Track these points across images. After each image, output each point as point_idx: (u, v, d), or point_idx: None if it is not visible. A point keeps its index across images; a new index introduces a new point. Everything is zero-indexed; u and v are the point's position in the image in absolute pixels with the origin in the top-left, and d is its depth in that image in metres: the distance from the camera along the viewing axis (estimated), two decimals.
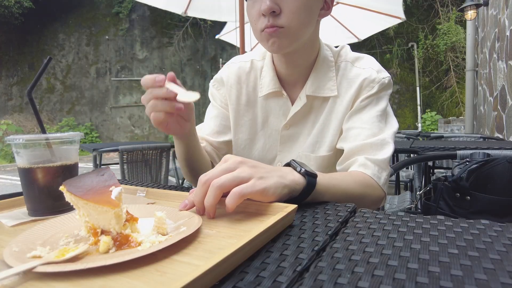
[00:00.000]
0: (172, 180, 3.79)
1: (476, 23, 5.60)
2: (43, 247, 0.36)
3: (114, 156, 7.18)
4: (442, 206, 1.01)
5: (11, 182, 6.34)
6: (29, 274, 0.31)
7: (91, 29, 11.44)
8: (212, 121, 0.93)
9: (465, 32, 5.95)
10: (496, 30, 3.99)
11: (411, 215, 0.47)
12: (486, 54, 4.69)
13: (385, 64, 8.38)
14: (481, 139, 2.64)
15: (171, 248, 0.35)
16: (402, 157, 3.06)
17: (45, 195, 0.52)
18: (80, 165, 4.09)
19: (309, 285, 0.29)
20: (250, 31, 3.86)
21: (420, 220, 0.44)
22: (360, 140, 0.76)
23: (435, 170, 2.62)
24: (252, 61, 0.90)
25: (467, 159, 1.04)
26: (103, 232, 0.39)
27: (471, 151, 1.14)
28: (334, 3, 0.80)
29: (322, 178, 0.58)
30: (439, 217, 0.45)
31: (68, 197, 0.40)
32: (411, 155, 1.87)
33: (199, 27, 10.94)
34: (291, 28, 0.71)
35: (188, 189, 0.64)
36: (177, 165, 3.36)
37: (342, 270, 0.31)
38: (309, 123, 0.85)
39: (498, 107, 3.81)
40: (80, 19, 11.44)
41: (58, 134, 0.54)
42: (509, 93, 3.31)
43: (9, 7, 10.30)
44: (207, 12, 4.27)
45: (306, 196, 0.54)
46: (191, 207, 0.49)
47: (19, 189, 0.57)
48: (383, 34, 9.09)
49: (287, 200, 0.51)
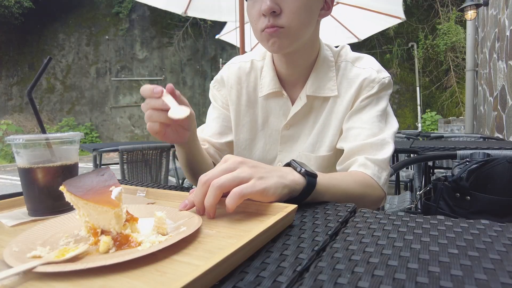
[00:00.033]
0: (172, 180, 3.80)
1: (476, 23, 5.60)
2: (43, 247, 0.36)
3: (114, 156, 7.18)
4: (442, 206, 1.01)
5: (11, 182, 6.34)
6: (29, 274, 0.31)
7: (91, 29, 11.44)
8: (214, 123, 0.93)
9: (465, 32, 5.96)
10: (496, 30, 3.99)
11: (411, 215, 0.47)
12: (486, 54, 4.69)
13: (385, 64, 8.38)
14: (481, 139, 2.64)
15: (171, 248, 0.35)
16: (402, 157, 3.06)
17: (45, 195, 0.52)
18: (80, 165, 4.09)
19: (309, 285, 0.29)
20: (250, 31, 3.87)
21: (420, 220, 0.44)
22: (360, 140, 0.76)
23: (435, 170, 2.62)
24: (252, 61, 0.90)
25: (467, 159, 1.04)
26: (103, 232, 0.39)
27: (471, 151, 1.14)
28: (334, 3, 0.80)
29: (322, 178, 0.58)
30: (439, 217, 0.45)
31: (68, 197, 0.40)
32: (411, 155, 1.87)
33: (199, 27, 10.94)
34: (292, 28, 0.71)
35: (188, 189, 0.64)
36: (177, 165, 3.36)
37: (342, 270, 0.31)
38: (309, 123, 0.85)
39: (498, 107, 3.81)
40: (80, 19, 11.44)
41: (58, 134, 0.54)
42: (509, 93, 3.31)
43: (9, 7, 10.30)
44: (207, 12, 4.27)
45: (306, 196, 0.54)
46: (191, 207, 0.49)
47: (19, 189, 0.57)
48: (383, 34, 9.09)
49: (287, 200, 0.51)
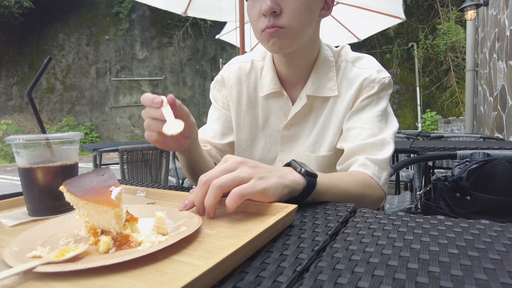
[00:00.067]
0: (172, 180, 3.80)
1: (476, 23, 5.60)
2: (43, 247, 0.36)
3: (114, 156, 7.18)
4: (442, 206, 1.01)
5: (11, 182, 6.34)
6: (29, 274, 0.31)
7: (91, 29, 11.44)
8: (215, 123, 0.93)
9: (465, 32, 5.96)
10: (496, 30, 3.99)
11: (411, 215, 0.47)
12: (486, 54, 4.69)
13: (385, 64, 8.37)
14: (481, 139, 2.64)
15: (171, 248, 0.35)
16: (402, 157, 3.06)
17: (45, 195, 0.52)
18: (80, 165, 4.09)
19: (309, 285, 0.29)
20: (250, 31, 3.87)
21: (420, 220, 0.44)
22: (360, 140, 0.76)
23: (435, 170, 2.62)
24: (252, 62, 0.90)
25: (467, 159, 1.04)
26: (103, 232, 0.39)
27: (471, 151, 1.14)
28: (334, 3, 0.80)
29: (322, 178, 0.58)
30: (439, 217, 0.45)
31: (68, 197, 0.40)
32: (411, 155, 1.87)
33: (199, 27, 10.94)
34: (292, 28, 0.71)
35: (188, 189, 0.64)
36: (177, 165, 3.36)
37: (342, 270, 0.31)
38: (310, 123, 0.85)
39: (498, 107, 3.81)
40: (80, 19, 11.44)
41: (58, 134, 0.54)
42: (509, 93, 3.31)
43: (9, 7, 10.30)
44: (207, 12, 4.27)
45: (306, 196, 0.54)
46: (191, 207, 0.49)
47: (19, 189, 0.57)
48: (383, 34, 9.09)
49: (287, 200, 0.51)
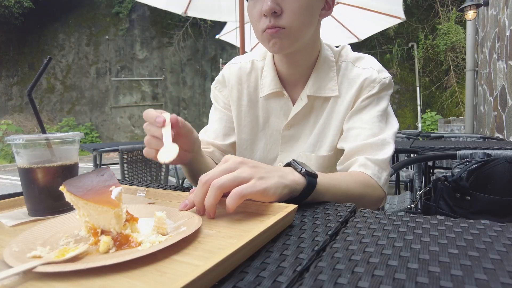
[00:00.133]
0: (172, 180, 3.80)
1: (476, 23, 5.60)
2: (43, 247, 0.36)
3: (114, 156, 7.19)
4: (442, 206, 1.01)
5: (11, 182, 6.34)
6: (29, 274, 0.31)
7: (91, 29, 11.44)
8: (217, 124, 0.92)
9: (465, 32, 5.96)
10: (496, 30, 3.99)
11: (411, 215, 0.47)
12: (486, 54, 4.69)
13: (385, 64, 8.36)
14: (481, 139, 2.64)
15: (171, 248, 0.35)
16: (402, 157, 3.06)
17: (45, 195, 0.52)
18: (80, 165, 4.09)
19: (309, 285, 0.29)
20: (250, 31, 3.87)
21: (420, 220, 0.44)
22: (361, 140, 0.76)
23: (435, 170, 2.62)
24: (253, 62, 0.90)
25: (467, 159, 1.04)
26: (103, 232, 0.39)
27: (471, 151, 1.14)
28: (335, 3, 0.80)
29: (323, 178, 0.58)
30: (439, 217, 0.45)
31: (68, 197, 0.40)
32: (411, 155, 1.87)
33: (199, 27, 10.94)
34: (292, 29, 0.71)
35: (188, 189, 0.64)
36: (177, 165, 3.36)
37: (342, 270, 0.31)
38: (310, 123, 0.85)
39: (498, 107, 3.81)
40: (80, 19, 11.44)
41: (58, 134, 0.54)
42: (509, 93, 3.31)
43: (9, 7, 10.30)
44: (207, 12, 4.27)
45: (307, 196, 0.54)
46: (191, 207, 0.49)
47: (19, 189, 0.57)
48: (383, 34, 9.09)
49: (288, 200, 0.51)
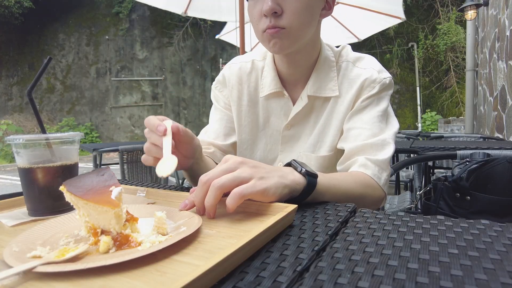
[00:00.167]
0: (172, 180, 3.80)
1: (476, 23, 5.60)
2: (43, 247, 0.36)
3: (114, 156, 7.18)
4: (442, 206, 1.01)
5: (11, 182, 6.34)
6: (29, 274, 0.31)
7: (91, 29, 11.44)
8: (217, 124, 0.92)
9: (465, 32, 5.96)
10: (496, 30, 3.99)
11: (411, 215, 0.47)
12: (486, 54, 4.69)
13: (385, 64, 8.36)
14: (481, 139, 2.64)
15: (171, 248, 0.35)
16: (402, 157, 3.06)
17: (45, 195, 0.52)
18: (80, 165, 4.09)
19: (309, 285, 0.29)
20: (250, 31, 3.86)
21: (420, 220, 0.44)
22: (361, 141, 0.76)
23: (435, 170, 2.62)
24: (253, 61, 0.90)
25: (467, 159, 1.04)
26: (103, 232, 0.39)
27: (471, 151, 1.14)
28: (335, 3, 0.80)
29: (323, 178, 0.58)
30: (439, 217, 0.45)
31: (68, 197, 0.40)
32: (411, 155, 1.87)
33: (199, 27, 10.94)
34: (293, 29, 0.71)
35: (188, 189, 0.64)
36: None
37: (342, 270, 0.31)
38: (310, 123, 0.85)
39: (498, 107, 3.81)
40: (80, 19, 11.44)
41: (58, 134, 0.54)
42: (509, 93, 3.31)
43: (9, 7, 10.30)
44: (207, 12, 4.27)
45: (307, 196, 0.54)
46: (191, 207, 0.49)
47: (19, 189, 0.57)
48: (383, 34, 9.09)
49: (288, 200, 0.51)
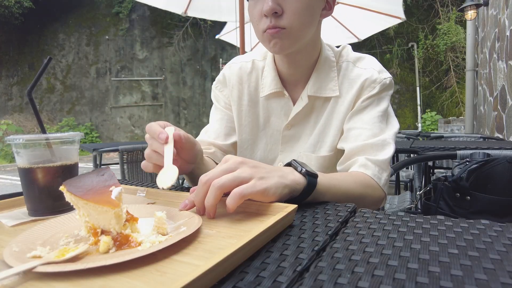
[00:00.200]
0: None
1: (476, 23, 5.60)
2: (43, 247, 0.36)
3: (114, 156, 7.18)
4: (442, 206, 1.01)
5: (11, 182, 6.34)
6: (29, 274, 0.31)
7: (91, 29, 11.44)
8: (218, 124, 0.92)
9: (465, 32, 5.96)
10: (496, 30, 3.99)
11: (411, 215, 0.47)
12: (486, 54, 4.69)
13: (385, 64, 8.36)
14: (481, 139, 2.64)
15: (171, 248, 0.35)
16: (402, 157, 3.06)
17: (45, 195, 0.52)
18: (80, 165, 4.09)
19: (309, 285, 0.29)
20: (250, 31, 3.86)
21: (420, 220, 0.44)
22: (361, 141, 0.76)
23: (435, 170, 2.62)
24: (253, 61, 0.90)
25: (467, 159, 1.04)
26: (103, 232, 0.39)
27: (471, 151, 1.14)
28: (335, 3, 0.80)
29: (323, 178, 0.58)
30: (439, 217, 0.45)
31: (68, 197, 0.40)
32: (411, 155, 1.87)
33: (199, 27, 10.94)
34: (293, 29, 0.71)
35: (188, 189, 0.64)
36: None
37: (342, 270, 0.31)
38: (311, 123, 0.85)
39: (498, 107, 3.81)
40: (80, 19, 11.44)
41: (58, 134, 0.54)
42: (509, 93, 3.31)
43: (9, 7, 10.30)
44: (207, 12, 4.27)
45: (307, 196, 0.54)
46: (191, 207, 0.49)
47: (19, 189, 0.57)
48: (383, 34, 9.09)
49: (288, 200, 0.51)
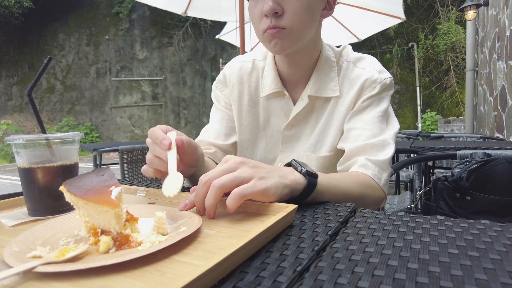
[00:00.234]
0: None
1: (476, 23, 5.60)
2: (43, 247, 0.36)
3: (114, 156, 7.19)
4: (442, 206, 1.01)
5: (11, 182, 6.34)
6: (29, 274, 0.31)
7: (91, 29, 11.44)
8: (218, 124, 0.92)
9: (465, 32, 5.96)
10: (496, 30, 3.99)
11: (411, 215, 0.47)
12: (486, 54, 4.69)
13: (385, 64, 8.35)
14: (481, 139, 2.64)
15: (171, 248, 0.35)
16: (402, 157, 3.06)
17: (45, 195, 0.52)
18: (80, 165, 4.09)
19: (309, 285, 0.29)
20: (250, 31, 3.85)
21: (420, 220, 0.44)
22: (361, 141, 0.76)
23: (435, 170, 2.62)
24: (254, 61, 0.90)
25: (467, 159, 1.04)
26: (103, 232, 0.39)
27: (471, 151, 1.14)
28: (336, 3, 0.80)
29: (323, 178, 0.58)
30: (439, 217, 0.45)
31: (68, 197, 0.40)
32: (411, 155, 1.87)
33: (199, 27, 10.94)
34: (294, 29, 0.71)
35: (188, 189, 0.64)
36: None
37: (342, 270, 0.31)
38: (311, 123, 0.85)
39: (498, 107, 3.81)
40: (80, 19, 11.44)
41: (58, 134, 0.54)
42: (509, 93, 3.31)
43: (9, 7, 10.30)
44: (207, 12, 4.27)
45: (307, 196, 0.54)
46: (191, 207, 0.49)
47: (19, 189, 0.57)
48: (383, 34, 9.08)
49: (288, 200, 0.51)
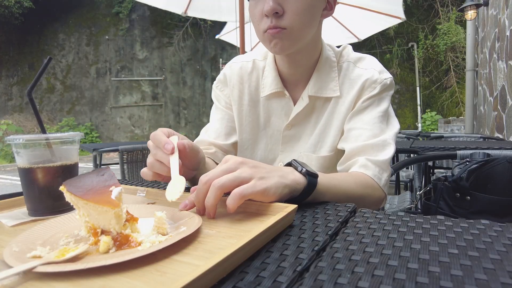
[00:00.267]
0: None
1: (476, 23, 5.60)
2: (43, 247, 0.36)
3: (114, 156, 7.19)
4: (442, 206, 1.01)
5: (11, 182, 6.34)
6: (29, 274, 0.31)
7: (91, 29, 11.44)
8: (218, 124, 0.92)
9: (465, 32, 5.96)
10: (496, 30, 3.99)
11: (411, 215, 0.47)
12: (486, 54, 4.69)
13: (385, 64, 8.35)
14: (481, 139, 2.64)
15: (171, 248, 0.35)
16: (402, 157, 3.06)
17: (45, 195, 0.52)
18: (80, 165, 4.09)
19: (309, 285, 0.29)
20: (250, 31, 3.84)
21: (420, 220, 0.44)
22: (361, 141, 0.76)
23: (435, 170, 2.62)
24: (254, 61, 0.90)
25: (467, 159, 1.04)
26: (103, 232, 0.39)
27: (471, 151, 1.14)
28: (336, 3, 0.80)
29: (323, 178, 0.58)
30: (439, 217, 0.45)
31: (68, 197, 0.40)
32: (411, 155, 1.87)
33: (199, 27, 10.94)
34: (294, 29, 0.71)
35: (188, 189, 0.64)
36: None
37: (342, 270, 0.31)
38: (311, 123, 0.85)
39: (498, 107, 3.81)
40: (80, 19, 11.44)
41: (58, 134, 0.54)
42: (509, 93, 3.31)
43: (9, 7, 10.30)
44: (207, 12, 4.27)
45: (307, 196, 0.54)
46: (192, 207, 0.49)
47: (19, 189, 0.57)
48: (383, 34, 9.09)
49: (288, 200, 0.51)
